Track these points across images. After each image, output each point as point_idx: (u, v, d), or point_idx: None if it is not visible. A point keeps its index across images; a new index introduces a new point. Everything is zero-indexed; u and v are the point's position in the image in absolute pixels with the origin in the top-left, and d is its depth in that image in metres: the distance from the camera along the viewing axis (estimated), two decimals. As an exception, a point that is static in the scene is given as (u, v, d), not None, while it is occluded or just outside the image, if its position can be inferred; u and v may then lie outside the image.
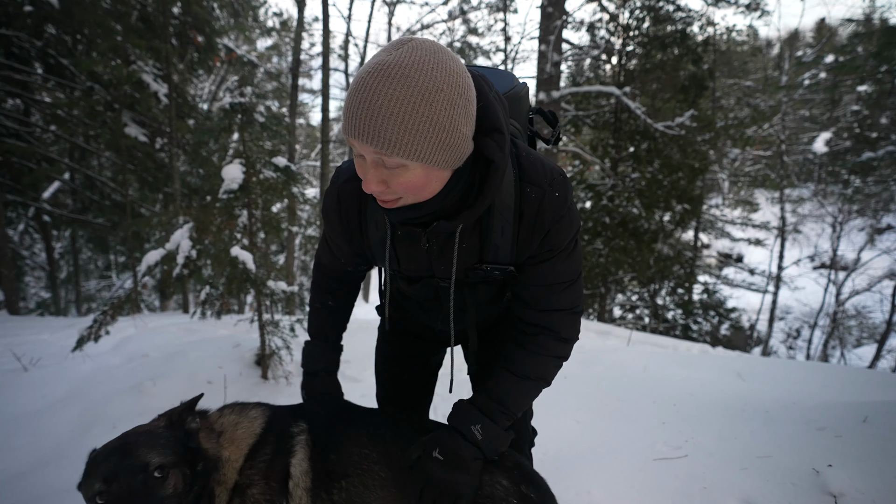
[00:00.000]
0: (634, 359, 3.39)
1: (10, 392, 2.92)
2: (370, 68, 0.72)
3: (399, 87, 0.70)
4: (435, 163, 0.76)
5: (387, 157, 0.74)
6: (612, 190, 9.51)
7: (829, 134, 14.10)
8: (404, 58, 0.71)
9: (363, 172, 0.79)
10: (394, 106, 0.70)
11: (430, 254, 0.99)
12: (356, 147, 0.76)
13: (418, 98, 0.70)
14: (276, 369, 3.23)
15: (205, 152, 8.04)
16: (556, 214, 0.92)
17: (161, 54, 7.37)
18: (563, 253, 0.96)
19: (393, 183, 0.78)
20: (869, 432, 1.75)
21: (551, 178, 0.92)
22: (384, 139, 0.71)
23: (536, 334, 1.02)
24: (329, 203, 1.06)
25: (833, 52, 8.97)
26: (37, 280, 10.71)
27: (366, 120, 0.71)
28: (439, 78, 0.72)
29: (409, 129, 0.71)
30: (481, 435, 0.97)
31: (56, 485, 2.09)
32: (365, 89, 0.70)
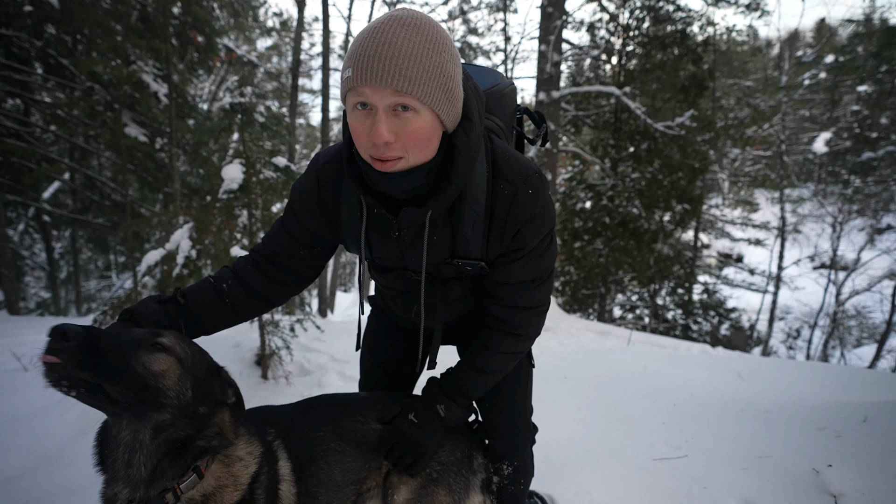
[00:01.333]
0: (634, 359, 3.39)
1: (10, 392, 2.92)
2: (382, 20, 0.76)
3: (414, 33, 0.75)
4: (442, 111, 0.80)
5: (405, 97, 0.76)
6: (612, 190, 9.51)
7: (829, 134, 14.10)
8: (413, 13, 0.78)
9: (370, 125, 0.79)
10: (412, 48, 0.74)
11: (402, 243, 1.00)
12: (368, 96, 0.76)
13: (431, 45, 0.76)
14: (276, 369, 3.23)
15: (205, 152, 8.02)
16: (528, 212, 0.93)
17: (161, 54, 7.36)
18: (534, 252, 0.98)
19: (403, 133, 0.79)
20: (869, 432, 1.75)
21: (525, 175, 0.93)
22: (406, 77, 0.74)
23: (498, 330, 1.08)
24: (306, 185, 1.04)
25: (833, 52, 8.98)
26: (37, 280, 10.71)
27: (386, 60, 0.74)
28: (444, 34, 0.80)
29: (426, 71, 0.76)
30: (444, 413, 1.12)
31: (56, 485, 2.09)
32: (381, 34, 0.74)
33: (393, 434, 1.10)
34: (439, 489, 1.11)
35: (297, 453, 1.04)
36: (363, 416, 1.15)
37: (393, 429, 1.11)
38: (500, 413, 1.28)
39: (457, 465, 1.15)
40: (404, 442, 1.09)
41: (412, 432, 1.09)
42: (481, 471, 1.19)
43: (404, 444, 1.09)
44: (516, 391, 1.28)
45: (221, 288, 1.09)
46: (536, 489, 1.67)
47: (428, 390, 1.15)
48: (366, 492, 1.12)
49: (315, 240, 1.10)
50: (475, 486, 1.16)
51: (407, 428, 1.09)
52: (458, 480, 1.14)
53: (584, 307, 10.55)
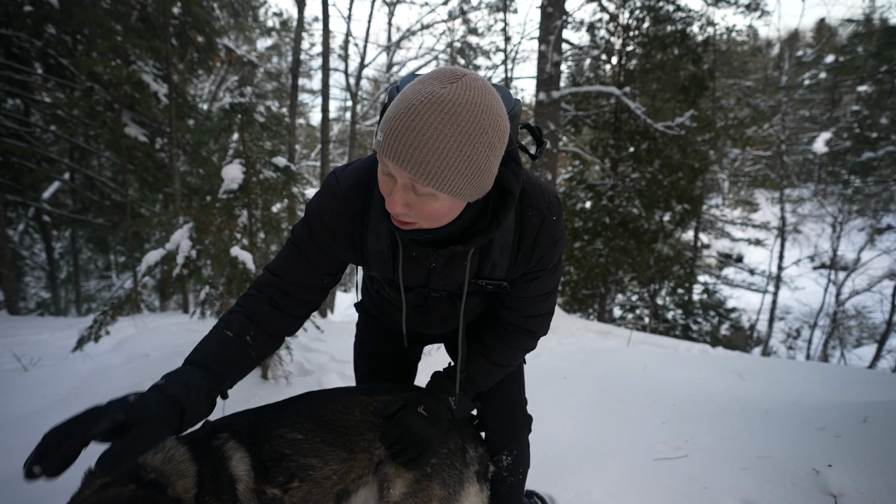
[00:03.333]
0: (634, 359, 3.39)
1: (10, 392, 2.93)
2: (422, 97, 0.72)
3: (449, 123, 0.71)
4: (463, 197, 0.79)
5: (421, 185, 0.76)
6: (612, 190, 9.51)
7: (829, 134, 14.09)
8: (458, 94, 0.72)
9: (388, 190, 0.80)
10: (440, 140, 0.71)
11: (431, 271, 1.03)
12: (390, 167, 0.76)
13: (464, 137, 0.72)
14: (276, 369, 3.23)
15: (205, 152, 8.03)
16: (552, 238, 0.99)
17: (161, 54, 7.37)
18: (550, 270, 1.05)
19: (417, 208, 0.80)
20: (869, 432, 1.74)
21: (549, 202, 0.98)
22: (424, 170, 0.73)
23: (514, 332, 1.14)
24: (332, 207, 0.99)
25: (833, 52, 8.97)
26: (37, 280, 10.71)
27: (410, 147, 0.72)
28: (486, 121, 0.74)
29: (449, 165, 0.73)
30: (454, 405, 1.13)
31: (56, 485, 2.08)
32: (414, 117, 0.71)
33: (398, 426, 1.08)
34: (433, 483, 1.11)
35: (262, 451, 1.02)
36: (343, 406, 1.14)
37: (398, 421, 1.09)
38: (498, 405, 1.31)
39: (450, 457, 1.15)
40: (410, 435, 1.07)
41: (420, 425, 1.08)
42: (474, 462, 1.20)
43: (409, 438, 1.07)
44: (512, 383, 1.31)
45: (245, 342, 1.00)
46: (536, 489, 1.67)
47: (437, 383, 1.15)
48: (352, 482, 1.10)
49: (337, 266, 1.09)
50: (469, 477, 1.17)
51: (414, 420, 1.08)
52: (452, 473, 1.14)
53: (584, 307, 10.56)
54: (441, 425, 1.10)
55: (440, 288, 1.07)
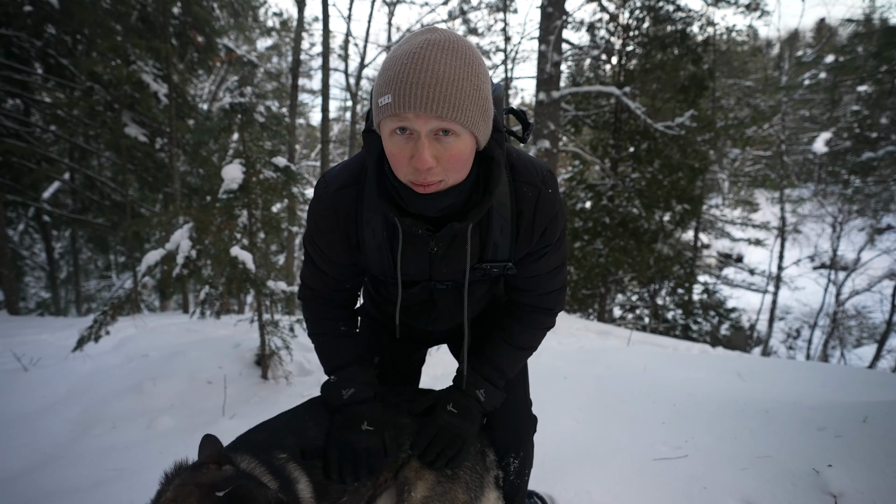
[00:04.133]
0: (634, 359, 3.39)
1: (10, 392, 2.92)
2: (419, 45, 0.75)
3: (454, 57, 0.75)
4: (479, 132, 0.81)
5: (448, 122, 0.76)
6: (612, 190, 9.51)
7: (829, 134, 14.09)
8: (448, 36, 0.77)
9: (410, 150, 0.79)
10: (453, 73, 0.74)
11: (433, 258, 1.01)
12: (411, 121, 0.76)
13: (469, 68, 0.76)
14: (276, 369, 3.23)
15: (205, 152, 8.03)
16: (551, 211, 0.99)
17: (161, 54, 7.37)
18: (556, 245, 1.04)
19: (444, 157, 0.80)
20: (869, 432, 1.74)
21: (542, 176, 0.98)
22: (449, 103, 0.74)
23: (532, 312, 1.14)
24: (322, 213, 1.01)
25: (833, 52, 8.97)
26: (37, 280, 10.71)
27: (429, 87, 0.73)
28: (478, 55, 0.80)
29: (467, 95, 0.76)
30: (484, 397, 1.12)
31: (56, 485, 2.08)
32: (422, 60, 0.73)
33: (432, 427, 1.07)
34: (457, 487, 1.08)
35: (315, 471, 1.01)
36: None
37: (430, 422, 1.08)
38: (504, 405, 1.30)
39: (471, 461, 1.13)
40: (445, 435, 1.06)
41: (453, 423, 1.07)
42: (493, 467, 1.18)
43: (445, 437, 1.06)
44: (518, 383, 1.30)
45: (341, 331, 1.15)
46: (536, 489, 1.67)
47: (462, 378, 1.14)
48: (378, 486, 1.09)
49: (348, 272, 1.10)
50: (489, 483, 1.15)
51: (447, 419, 1.07)
52: (474, 478, 1.11)
53: (584, 307, 10.56)
54: (474, 419, 1.10)
55: (444, 278, 1.05)
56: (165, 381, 3.05)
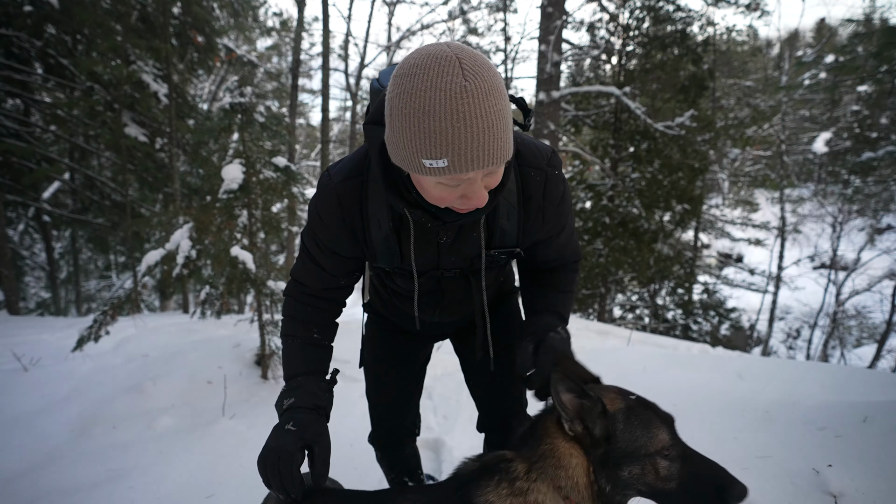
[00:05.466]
0: (634, 359, 3.39)
1: (10, 392, 2.93)
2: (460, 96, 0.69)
3: (496, 100, 0.72)
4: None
5: (500, 166, 0.78)
6: (612, 190, 9.51)
7: (829, 134, 14.09)
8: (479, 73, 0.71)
9: (460, 192, 0.79)
10: (501, 120, 0.73)
11: (441, 247, 1.01)
12: (471, 177, 0.76)
13: (505, 102, 0.74)
14: (276, 369, 3.23)
15: (205, 152, 8.01)
16: (559, 191, 1.00)
17: (161, 54, 7.36)
18: (570, 214, 1.08)
19: (490, 184, 0.82)
20: (869, 432, 1.74)
21: (548, 158, 0.99)
22: (505, 150, 0.75)
23: (564, 264, 1.18)
24: (326, 206, 0.99)
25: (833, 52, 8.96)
26: (37, 280, 10.71)
27: (489, 146, 0.72)
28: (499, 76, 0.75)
29: (509, 131, 0.76)
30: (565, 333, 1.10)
31: (56, 485, 2.08)
32: (470, 114, 0.69)
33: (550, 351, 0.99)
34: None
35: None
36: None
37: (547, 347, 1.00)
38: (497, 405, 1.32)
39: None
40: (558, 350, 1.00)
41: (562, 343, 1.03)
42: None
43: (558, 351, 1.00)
44: (514, 383, 1.30)
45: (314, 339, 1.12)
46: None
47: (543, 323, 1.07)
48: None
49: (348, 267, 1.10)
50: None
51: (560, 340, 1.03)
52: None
53: (584, 307, 10.55)
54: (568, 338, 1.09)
55: (452, 266, 1.05)
56: (165, 381, 3.05)
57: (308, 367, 1.08)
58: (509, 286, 1.37)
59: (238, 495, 1.97)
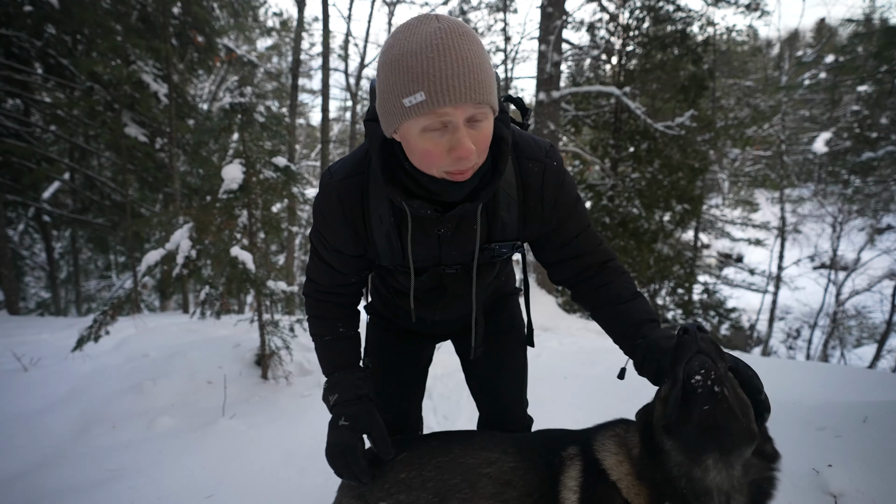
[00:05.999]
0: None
1: (10, 392, 2.93)
2: (435, 37, 0.73)
3: (471, 41, 0.76)
4: (496, 109, 0.83)
5: (483, 107, 0.77)
6: (612, 190, 9.51)
7: (829, 134, 14.08)
8: (453, 20, 0.77)
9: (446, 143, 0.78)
10: (478, 58, 0.75)
11: (441, 241, 1.01)
12: (449, 114, 0.75)
13: (483, 50, 0.78)
14: (276, 369, 3.23)
15: (205, 152, 8.02)
16: (558, 181, 1.00)
17: (161, 54, 7.36)
18: (577, 204, 1.06)
19: (478, 140, 0.81)
20: (869, 432, 1.74)
21: (546, 150, 0.99)
22: (483, 88, 0.76)
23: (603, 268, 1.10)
24: (328, 205, 1.00)
25: (833, 52, 8.96)
26: (37, 280, 10.71)
27: (466, 76, 0.73)
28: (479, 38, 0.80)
29: (490, 76, 0.77)
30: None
31: (56, 485, 2.08)
32: (448, 50, 0.73)
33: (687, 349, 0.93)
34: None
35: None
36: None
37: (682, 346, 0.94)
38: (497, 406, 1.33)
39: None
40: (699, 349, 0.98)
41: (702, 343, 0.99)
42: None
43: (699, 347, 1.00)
44: (514, 385, 1.30)
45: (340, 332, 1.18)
46: (536, 489, 1.66)
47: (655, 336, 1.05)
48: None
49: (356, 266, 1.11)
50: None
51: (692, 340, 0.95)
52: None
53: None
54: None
55: (454, 261, 1.05)
56: (165, 381, 3.05)
57: (343, 361, 1.16)
58: (510, 288, 1.35)
59: (238, 495, 1.97)
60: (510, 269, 1.34)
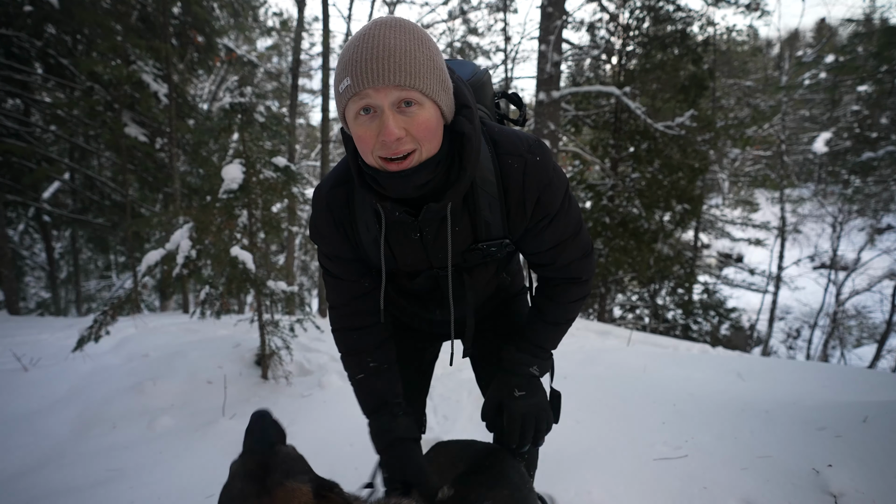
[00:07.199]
0: (634, 359, 3.39)
1: (10, 392, 2.93)
2: (369, 26, 0.79)
3: (402, 32, 0.79)
4: (441, 102, 0.83)
5: (408, 91, 0.78)
6: (612, 190, 9.51)
7: (829, 134, 14.08)
8: (396, 17, 0.81)
9: (376, 128, 0.80)
10: (404, 45, 0.78)
11: (426, 244, 1.00)
12: (372, 97, 0.78)
13: (418, 42, 0.79)
14: (275, 369, 3.23)
15: (205, 152, 8.03)
16: (542, 179, 0.95)
17: (161, 54, 7.36)
18: (559, 213, 0.99)
19: (412, 126, 0.80)
20: (869, 432, 1.74)
21: (528, 145, 0.95)
22: (406, 71, 0.77)
23: (559, 284, 1.11)
24: (320, 214, 1.03)
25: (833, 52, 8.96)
26: (37, 280, 10.72)
27: (385, 59, 0.76)
28: (428, 34, 0.83)
29: (421, 64, 0.79)
30: (538, 371, 1.15)
31: (56, 485, 2.08)
32: (371, 38, 0.77)
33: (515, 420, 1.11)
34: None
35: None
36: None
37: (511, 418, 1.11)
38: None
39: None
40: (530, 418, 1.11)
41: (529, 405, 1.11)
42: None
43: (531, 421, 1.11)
44: None
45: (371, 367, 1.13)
46: (536, 489, 1.67)
47: (512, 360, 1.14)
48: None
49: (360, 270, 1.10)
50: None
51: (522, 404, 1.11)
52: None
53: (584, 307, 10.54)
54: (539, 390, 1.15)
55: (443, 263, 1.03)
56: (165, 381, 3.05)
57: (374, 403, 1.11)
58: (517, 287, 1.34)
59: (238, 495, 1.97)
60: (517, 269, 1.33)
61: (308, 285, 17.62)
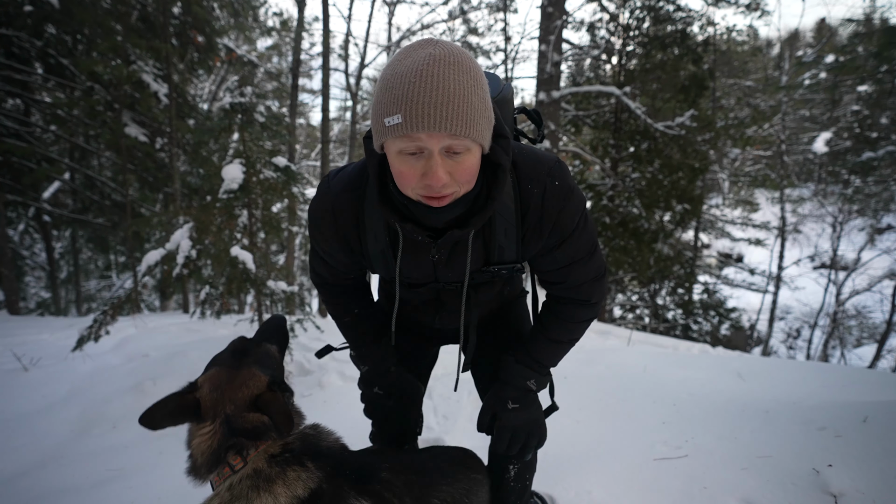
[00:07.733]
0: (634, 359, 3.39)
1: (10, 392, 2.93)
2: (425, 60, 0.72)
3: (460, 72, 0.73)
4: (486, 143, 0.81)
5: (460, 140, 0.75)
6: (612, 190, 9.51)
7: (829, 134, 14.07)
8: (449, 50, 0.74)
9: (421, 168, 0.77)
10: (463, 89, 0.73)
11: (437, 263, 1.00)
12: (423, 141, 0.74)
13: (475, 82, 0.75)
14: (276, 369, 3.23)
15: (205, 152, 8.03)
16: (560, 203, 0.94)
17: (161, 54, 7.37)
18: (574, 233, 0.98)
19: (457, 171, 0.79)
20: (869, 432, 1.74)
21: (549, 169, 0.94)
22: (462, 121, 0.73)
23: (566, 304, 1.10)
24: (322, 214, 1.01)
25: (833, 52, 8.96)
26: (37, 280, 10.71)
27: (442, 106, 0.71)
28: (478, 66, 0.78)
29: (476, 110, 0.75)
30: (535, 385, 1.16)
31: (56, 485, 2.09)
32: (431, 78, 0.71)
33: (507, 430, 1.13)
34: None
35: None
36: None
37: (502, 428, 1.13)
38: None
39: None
40: (522, 431, 1.13)
41: (521, 417, 1.13)
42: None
43: (523, 433, 1.13)
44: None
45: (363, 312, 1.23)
46: (536, 489, 1.67)
47: (510, 372, 1.15)
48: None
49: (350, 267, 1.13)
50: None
51: (514, 417, 1.13)
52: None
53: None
54: (535, 404, 1.16)
55: (449, 280, 1.04)
56: (166, 381, 3.05)
57: (367, 337, 1.22)
58: (517, 291, 1.35)
59: (238, 495, 1.97)
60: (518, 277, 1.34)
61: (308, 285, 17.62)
